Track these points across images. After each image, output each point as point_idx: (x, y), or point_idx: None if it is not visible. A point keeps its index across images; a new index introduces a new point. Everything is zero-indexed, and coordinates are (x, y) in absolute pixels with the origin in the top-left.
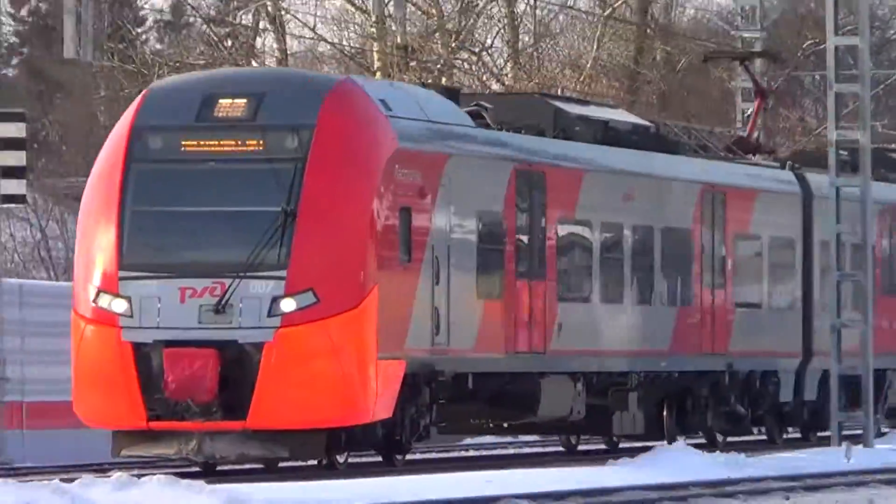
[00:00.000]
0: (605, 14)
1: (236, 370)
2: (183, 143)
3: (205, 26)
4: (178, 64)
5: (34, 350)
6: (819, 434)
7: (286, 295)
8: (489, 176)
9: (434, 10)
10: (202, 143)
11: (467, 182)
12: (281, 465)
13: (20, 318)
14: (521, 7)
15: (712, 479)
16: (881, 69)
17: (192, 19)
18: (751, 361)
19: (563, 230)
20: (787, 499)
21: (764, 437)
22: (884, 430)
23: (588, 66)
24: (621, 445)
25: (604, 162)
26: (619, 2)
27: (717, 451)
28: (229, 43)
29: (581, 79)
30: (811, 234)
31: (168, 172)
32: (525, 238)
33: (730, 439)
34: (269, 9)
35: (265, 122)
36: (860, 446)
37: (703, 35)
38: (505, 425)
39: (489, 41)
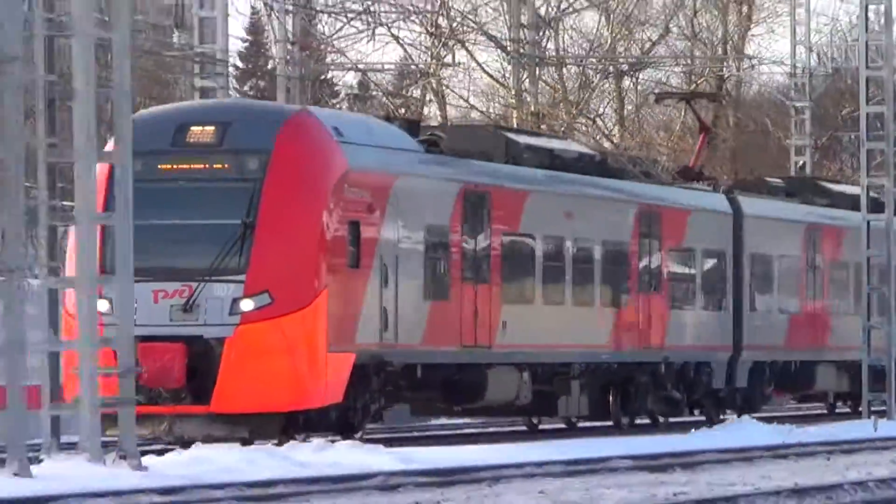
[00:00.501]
0: (691, 89)
1: (202, 361)
2: (159, 165)
3: (385, 98)
4: None
5: None
6: (753, 415)
7: (245, 296)
8: (437, 194)
9: (559, 86)
10: (175, 165)
11: (415, 199)
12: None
13: None
14: (626, 83)
15: (770, 444)
16: None
17: (374, 93)
18: (685, 354)
19: (507, 241)
20: (828, 459)
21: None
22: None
23: (677, 128)
24: (580, 425)
25: (547, 184)
26: (702, 79)
27: (774, 423)
28: (403, 111)
29: (671, 138)
30: (741, 247)
31: (145, 190)
32: (471, 248)
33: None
34: (434, 84)
35: (230, 147)
36: (884, 419)
37: (765, 105)
38: (457, 408)
39: (602, 109)
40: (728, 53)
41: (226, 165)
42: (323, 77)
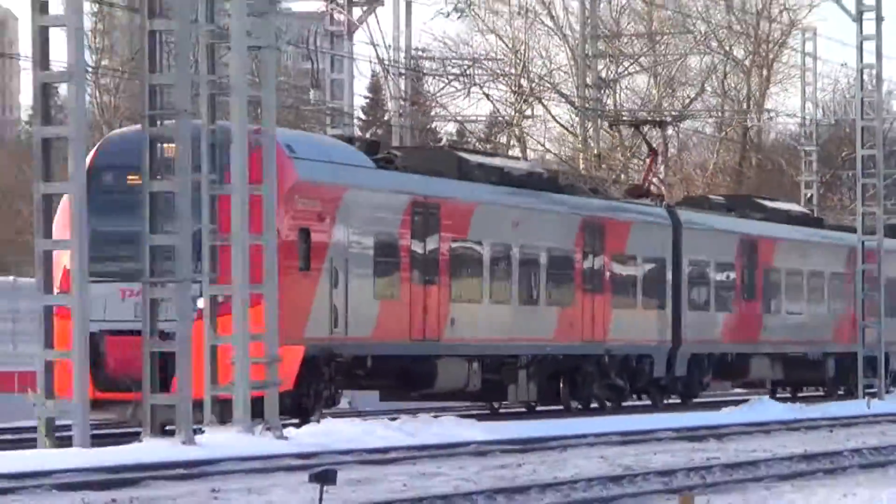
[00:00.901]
0: (721, 136)
1: (164, 352)
2: (129, 177)
3: (477, 144)
4: None
5: None
6: (694, 400)
7: (201, 295)
8: (386, 205)
9: (616, 134)
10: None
11: (365, 209)
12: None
13: None
14: (669, 131)
15: (783, 419)
16: (890, 169)
17: (469, 139)
18: (627, 347)
19: (455, 247)
20: (831, 431)
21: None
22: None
23: (710, 168)
24: (538, 408)
25: (494, 197)
26: (730, 128)
27: (788, 403)
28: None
29: (706, 175)
30: (680, 254)
31: (115, 201)
32: (421, 253)
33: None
34: (517, 133)
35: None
36: (876, 400)
37: (781, 149)
38: (413, 394)
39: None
40: (751, 108)
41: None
42: (428, 126)
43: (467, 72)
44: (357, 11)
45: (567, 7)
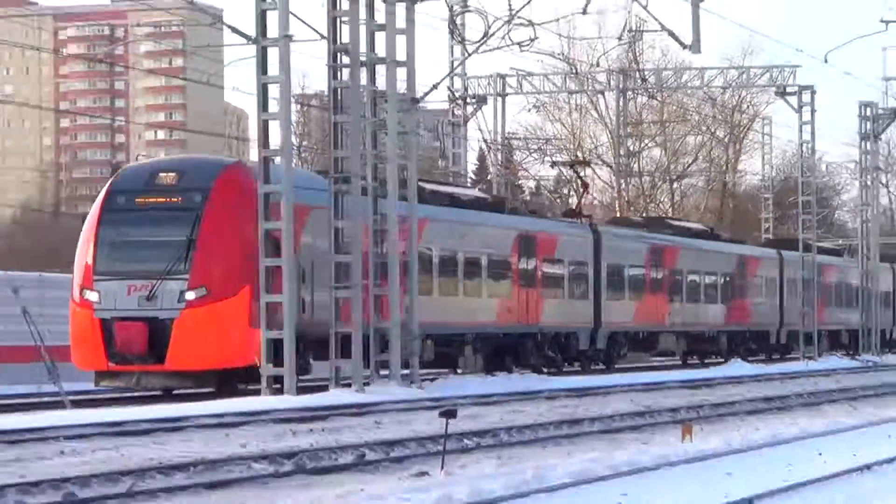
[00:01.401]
0: (709, 189)
1: (159, 334)
2: (136, 199)
3: (547, 193)
4: None
5: None
6: (615, 366)
7: (189, 289)
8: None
9: (641, 186)
10: (147, 199)
11: (328, 222)
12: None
13: None
14: (675, 185)
15: (750, 374)
16: (821, 209)
17: (543, 191)
18: (556, 327)
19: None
20: (782, 382)
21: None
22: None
23: (702, 208)
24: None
25: (444, 216)
26: (714, 183)
27: (754, 364)
28: (558, 200)
29: (699, 213)
30: (600, 259)
31: (126, 217)
32: (378, 256)
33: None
34: (575, 186)
35: (183, 187)
36: (812, 361)
37: (748, 196)
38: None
39: (662, 198)
40: (728, 170)
41: (180, 199)
42: (516, 184)
43: (542, 147)
44: (469, 108)
45: (607, 104)
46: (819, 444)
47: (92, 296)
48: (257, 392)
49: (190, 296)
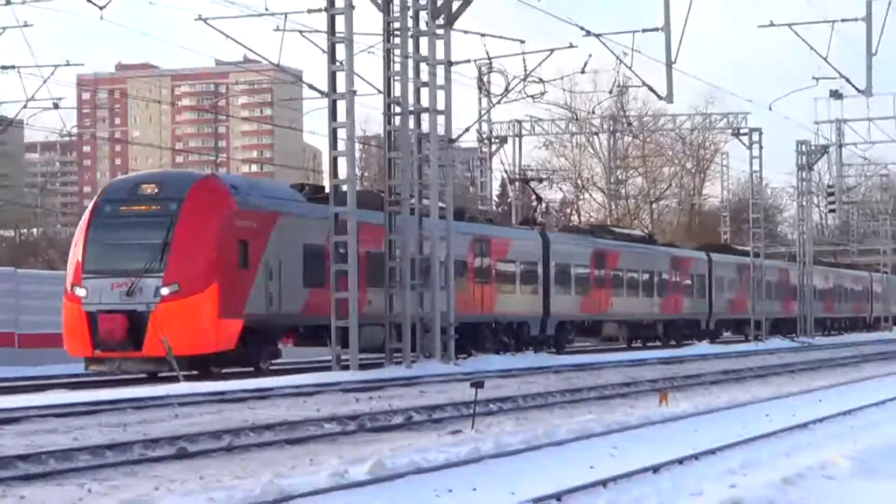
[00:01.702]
0: (680, 209)
1: (137, 325)
2: (121, 207)
3: (555, 213)
4: None
5: None
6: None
7: (163, 286)
8: (315, 225)
9: (627, 206)
10: (130, 207)
11: (296, 227)
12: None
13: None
14: (654, 206)
15: (713, 352)
16: (767, 224)
17: (551, 212)
18: (509, 317)
19: (373, 253)
20: (737, 359)
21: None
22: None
23: (675, 222)
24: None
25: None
26: (685, 204)
27: (716, 344)
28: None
29: (673, 228)
30: (549, 260)
31: (111, 223)
32: (344, 256)
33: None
34: (576, 207)
35: (161, 197)
36: (760, 341)
37: (711, 214)
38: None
39: (644, 216)
40: (695, 193)
41: (158, 207)
42: (530, 206)
43: (550, 177)
44: (493, 146)
45: (601, 143)
46: (766, 408)
47: (80, 291)
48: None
49: (164, 291)
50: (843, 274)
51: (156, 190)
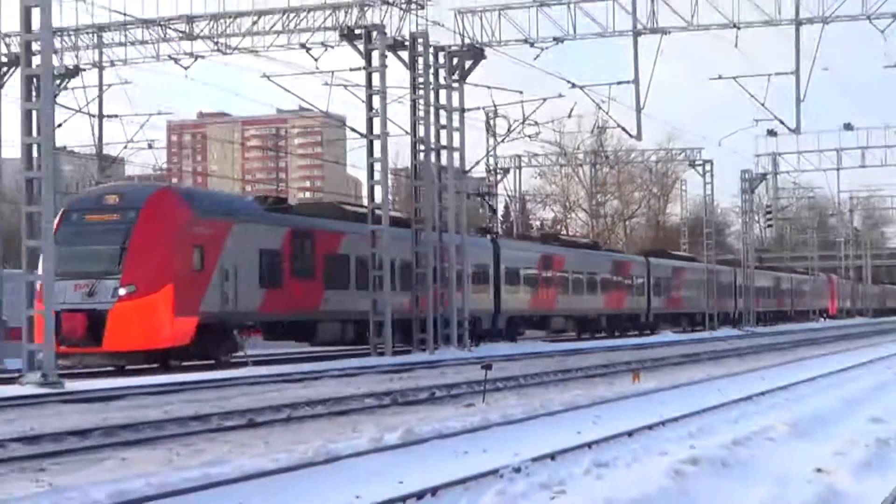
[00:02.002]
0: (648, 225)
1: (97, 323)
2: (86, 216)
3: (548, 228)
4: None
5: None
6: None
7: (121, 286)
8: (269, 232)
9: (606, 223)
10: (94, 216)
11: (251, 234)
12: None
13: None
14: (626, 224)
15: (673, 340)
16: (718, 237)
17: (544, 228)
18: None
19: (329, 257)
20: (694, 344)
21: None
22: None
23: (644, 236)
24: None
25: (356, 230)
26: (651, 222)
27: (678, 332)
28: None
29: (641, 241)
30: (499, 263)
31: (76, 230)
32: (300, 259)
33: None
34: (565, 224)
35: (121, 206)
36: (714, 331)
37: (673, 230)
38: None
39: (620, 231)
40: (660, 213)
41: (118, 216)
42: (529, 223)
43: (544, 200)
44: (499, 176)
45: (584, 173)
46: (719, 384)
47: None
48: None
49: (121, 292)
50: (772, 276)
51: (117, 200)
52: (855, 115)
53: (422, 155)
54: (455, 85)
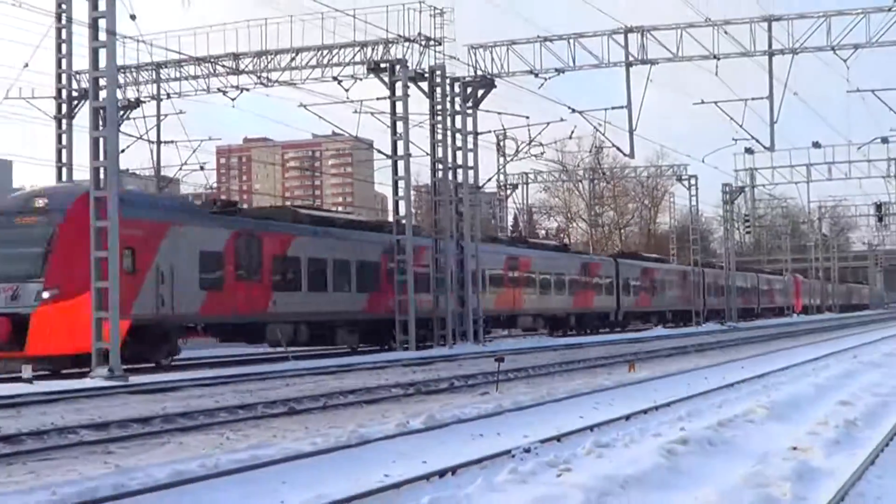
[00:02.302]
0: (642, 233)
1: (20, 326)
2: (14, 219)
3: (552, 237)
4: None
5: None
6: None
7: (44, 290)
8: (211, 234)
9: (604, 232)
10: (22, 219)
11: (191, 236)
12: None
13: None
14: (621, 233)
15: (666, 334)
16: (703, 243)
17: (550, 236)
18: (425, 314)
19: (277, 259)
20: (684, 338)
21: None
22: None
23: (637, 243)
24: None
25: (307, 233)
26: (645, 229)
27: (670, 327)
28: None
29: (635, 246)
30: (465, 265)
31: (5, 234)
32: (245, 262)
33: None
34: (567, 233)
35: (48, 209)
36: (699, 325)
37: (663, 238)
38: (255, 344)
39: (616, 239)
40: (651, 223)
41: (44, 219)
42: (536, 232)
43: (549, 212)
44: (508, 191)
45: (584, 187)
46: (705, 373)
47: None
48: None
49: (45, 295)
50: (749, 277)
51: (44, 202)
52: (822, 135)
53: (440, 173)
54: (469, 111)
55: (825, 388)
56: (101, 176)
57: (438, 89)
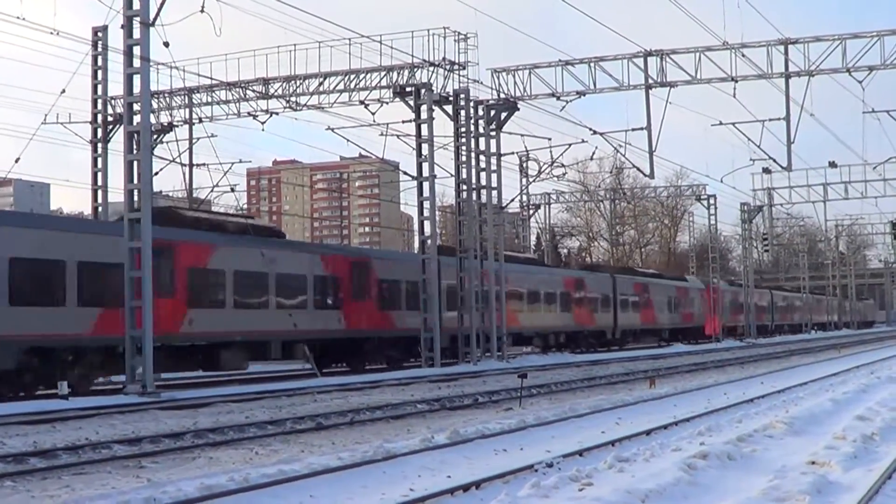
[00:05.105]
0: (661, 252)
1: None
2: None
3: (577, 258)
4: None
5: None
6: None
7: None
8: (115, 246)
9: (625, 250)
10: None
11: (91, 251)
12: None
13: None
14: (642, 251)
15: (685, 350)
16: (722, 259)
17: (571, 254)
18: (396, 333)
19: (195, 272)
20: (700, 354)
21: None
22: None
23: (657, 261)
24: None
25: (238, 244)
26: (664, 248)
27: (687, 343)
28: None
29: (654, 265)
30: (440, 281)
31: None
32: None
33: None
34: (589, 251)
35: None
36: (719, 341)
37: (683, 255)
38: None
39: (636, 257)
40: (671, 241)
41: None
42: (558, 248)
43: (570, 231)
44: (531, 211)
45: (605, 207)
46: (724, 389)
47: None
48: (415, 366)
49: None
50: (765, 294)
51: None
52: (838, 155)
53: (465, 194)
54: (493, 133)
55: (843, 403)
56: (136, 198)
57: (463, 112)
